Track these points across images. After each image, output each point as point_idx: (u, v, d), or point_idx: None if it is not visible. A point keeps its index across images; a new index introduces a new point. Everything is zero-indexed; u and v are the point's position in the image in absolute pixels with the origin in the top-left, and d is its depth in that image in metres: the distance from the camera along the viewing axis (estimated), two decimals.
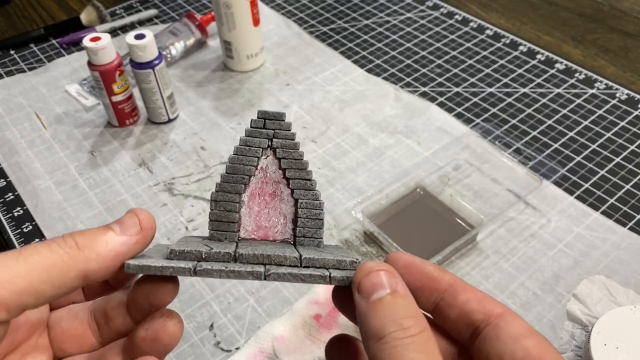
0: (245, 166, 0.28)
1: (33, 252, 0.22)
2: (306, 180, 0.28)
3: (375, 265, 0.24)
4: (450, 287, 0.26)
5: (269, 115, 0.28)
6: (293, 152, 0.28)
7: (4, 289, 0.21)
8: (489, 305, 0.25)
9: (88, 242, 0.24)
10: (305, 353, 0.46)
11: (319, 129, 0.68)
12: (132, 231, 0.25)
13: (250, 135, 0.28)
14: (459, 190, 0.59)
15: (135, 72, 0.64)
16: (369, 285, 0.24)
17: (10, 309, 0.21)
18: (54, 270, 0.22)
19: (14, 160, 0.66)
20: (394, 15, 0.87)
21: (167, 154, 0.65)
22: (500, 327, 0.24)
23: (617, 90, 0.71)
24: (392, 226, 0.55)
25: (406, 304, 0.23)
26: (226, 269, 0.24)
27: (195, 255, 0.25)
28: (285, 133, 0.28)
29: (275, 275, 0.25)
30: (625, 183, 0.59)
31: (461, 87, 0.73)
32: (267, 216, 0.29)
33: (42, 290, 0.22)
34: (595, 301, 0.47)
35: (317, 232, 0.29)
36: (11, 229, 0.58)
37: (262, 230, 0.29)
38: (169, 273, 0.24)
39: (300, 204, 0.28)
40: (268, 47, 0.81)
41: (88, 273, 0.23)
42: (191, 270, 0.24)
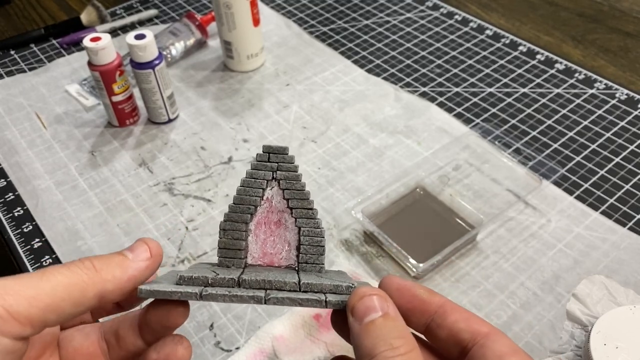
0: (251, 197, 0.30)
1: (55, 273, 0.24)
2: (308, 209, 0.30)
3: (368, 290, 0.26)
4: (439, 309, 0.27)
5: (273, 149, 0.30)
6: (295, 184, 0.30)
7: (29, 305, 0.23)
8: (475, 325, 0.26)
9: (104, 265, 0.26)
10: (305, 353, 0.46)
11: (319, 129, 0.68)
12: (143, 257, 0.27)
13: (255, 169, 0.30)
14: (459, 190, 0.59)
15: (136, 72, 0.64)
16: (362, 309, 0.25)
17: (35, 324, 0.23)
18: (74, 290, 0.24)
19: (14, 160, 0.66)
20: (394, 15, 0.87)
21: (167, 154, 0.65)
22: (486, 347, 0.25)
23: (617, 90, 0.71)
24: (392, 226, 0.55)
25: (396, 326, 0.25)
26: (229, 294, 0.26)
27: (202, 280, 0.27)
28: (288, 166, 0.30)
29: (275, 299, 0.27)
30: (625, 183, 0.59)
31: (461, 87, 0.73)
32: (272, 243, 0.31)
33: (63, 308, 0.24)
34: (595, 301, 0.47)
35: (319, 258, 0.31)
36: (11, 229, 0.58)
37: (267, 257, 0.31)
38: (177, 297, 0.26)
39: (303, 232, 0.30)
40: (268, 47, 0.81)
41: (105, 293, 0.25)
42: (197, 295, 0.26)
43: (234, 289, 0.27)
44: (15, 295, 0.23)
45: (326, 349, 0.46)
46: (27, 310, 0.23)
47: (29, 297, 0.23)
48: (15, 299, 0.22)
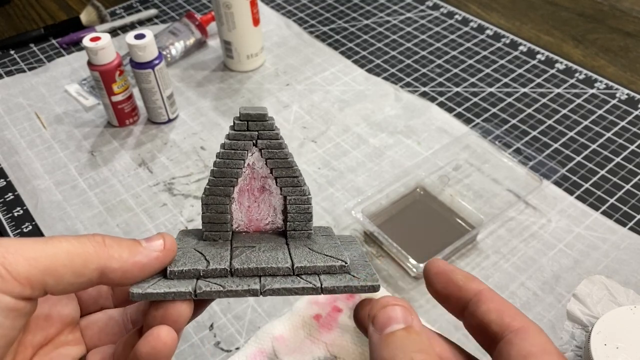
0: (232, 169, 0.29)
1: (62, 239, 0.24)
2: (293, 177, 0.29)
3: (392, 300, 0.25)
4: (475, 297, 0.26)
5: (251, 117, 0.28)
6: (278, 152, 0.29)
7: (29, 265, 0.23)
8: (507, 318, 0.25)
9: (115, 243, 0.25)
10: (305, 353, 0.46)
11: (319, 129, 0.68)
12: (155, 247, 0.26)
13: (234, 139, 0.28)
14: (459, 190, 0.59)
15: (135, 72, 0.64)
16: (384, 319, 0.24)
17: (34, 286, 0.23)
18: (77, 258, 0.24)
19: (13, 160, 0.66)
20: (394, 15, 0.87)
21: (167, 154, 0.65)
22: (512, 344, 0.24)
23: (617, 90, 0.71)
24: (392, 226, 0.55)
25: (419, 340, 0.24)
26: (224, 289, 0.26)
27: (194, 273, 0.26)
28: (269, 133, 0.28)
29: (271, 292, 0.26)
30: (625, 183, 0.59)
31: (461, 87, 0.73)
32: (257, 209, 0.30)
33: (63, 274, 0.24)
34: (595, 301, 0.47)
35: (307, 225, 0.30)
36: (11, 229, 0.58)
37: (253, 223, 0.31)
38: (171, 298, 0.25)
39: (289, 200, 0.30)
40: (268, 47, 0.81)
41: (106, 270, 0.25)
42: (192, 294, 0.25)
43: (227, 281, 0.26)
44: (15, 254, 0.23)
45: (326, 349, 0.46)
46: (26, 271, 0.23)
47: (29, 257, 0.23)
48: (15, 258, 0.23)
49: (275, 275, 0.27)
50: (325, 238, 0.31)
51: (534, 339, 0.24)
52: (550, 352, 0.23)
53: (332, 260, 0.28)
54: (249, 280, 0.27)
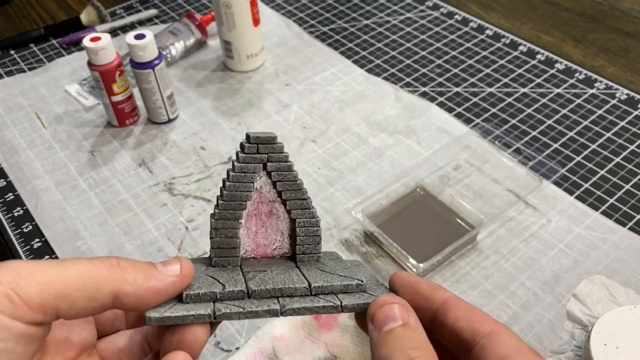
0: (242, 192, 0.28)
1: (75, 262, 0.24)
2: (302, 200, 0.29)
3: (389, 298, 0.26)
4: (442, 306, 0.26)
5: (261, 140, 0.28)
6: (288, 174, 0.29)
7: (42, 289, 0.22)
8: (476, 323, 0.25)
9: (130, 266, 0.25)
10: (305, 353, 0.46)
11: (319, 129, 0.68)
12: (172, 272, 0.26)
13: (244, 162, 0.28)
14: (459, 190, 0.59)
15: (135, 72, 0.64)
16: (382, 317, 0.25)
17: (46, 311, 0.23)
18: (90, 282, 0.23)
19: (14, 160, 0.66)
20: (394, 15, 0.87)
21: (167, 154, 0.65)
22: (486, 349, 0.24)
23: (617, 90, 0.71)
24: (392, 226, 0.55)
25: (416, 336, 0.24)
26: (244, 311, 0.25)
27: (210, 296, 0.26)
28: (279, 156, 0.28)
29: (291, 311, 0.26)
30: (625, 183, 0.59)
31: (461, 87, 0.73)
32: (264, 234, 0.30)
33: (75, 299, 0.23)
34: (595, 301, 0.47)
35: (316, 247, 0.30)
36: (11, 229, 0.58)
37: (261, 249, 0.30)
38: (190, 321, 0.25)
39: (299, 223, 0.29)
40: (268, 47, 0.81)
41: (120, 294, 0.24)
42: (211, 316, 0.25)
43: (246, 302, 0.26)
44: (28, 278, 0.22)
45: (326, 349, 0.46)
46: (38, 296, 0.22)
47: (41, 282, 0.22)
48: (27, 283, 0.22)
49: (293, 295, 0.27)
50: (334, 261, 0.31)
51: (506, 341, 0.24)
52: (524, 350, 0.24)
53: (348, 279, 0.28)
54: (267, 301, 0.26)
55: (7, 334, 0.22)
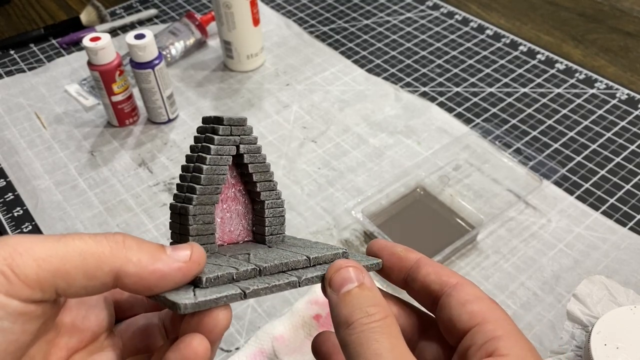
0: (219, 175, 0.28)
1: (76, 238, 0.23)
2: (270, 181, 0.30)
3: (344, 262, 0.27)
4: (415, 264, 0.29)
5: (234, 121, 0.28)
6: (258, 156, 0.29)
7: (38, 266, 0.21)
8: (445, 277, 0.28)
9: (135, 245, 0.24)
10: (305, 353, 0.46)
11: (319, 129, 0.68)
12: (181, 257, 0.24)
13: (220, 144, 0.28)
14: (459, 190, 0.59)
15: (135, 72, 0.64)
16: (339, 280, 0.26)
17: (45, 289, 0.22)
18: (90, 259, 0.22)
19: (13, 160, 0.66)
20: (394, 15, 0.87)
21: (167, 154, 0.65)
22: (451, 296, 0.27)
23: (617, 90, 0.71)
24: (392, 226, 0.55)
25: (372, 295, 0.26)
26: (269, 286, 0.25)
27: (227, 278, 0.25)
28: (250, 138, 0.29)
29: (307, 281, 0.27)
30: (625, 183, 0.59)
31: (461, 87, 0.73)
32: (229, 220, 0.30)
33: (74, 276, 0.22)
34: (595, 301, 0.46)
35: (281, 227, 0.31)
36: (11, 229, 0.58)
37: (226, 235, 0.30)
38: (223, 303, 0.24)
39: (267, 205, 0.30)
40: (268, 47, 0.81)
41: (122, 274, 0.23)
42: (242, 295, 0.24)
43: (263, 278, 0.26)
44: (24, 255, 0.21)
45: None
46: (35, 273, 0.21)
47: (38, 258, 0.21)
48: (24, 259, 0.21)
49: (297, 268, 0.27)
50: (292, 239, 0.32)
51: (469, 289, 0.27)
52: (483, 298, 0.27)
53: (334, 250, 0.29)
54: (281, 276, 0.26)
55: (3, 312, 0.21)
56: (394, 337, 0.24)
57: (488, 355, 0.24)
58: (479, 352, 0.25)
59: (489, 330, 0.25)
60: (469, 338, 0.25)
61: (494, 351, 0.24)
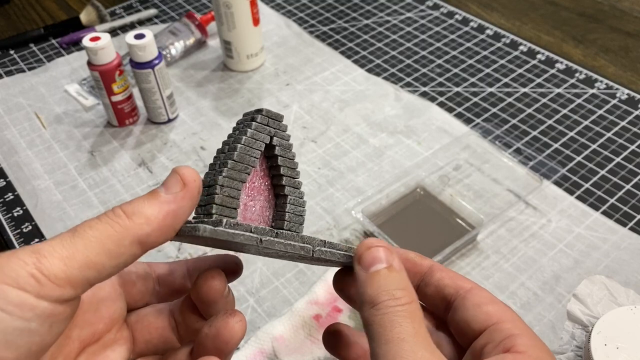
0: (251, 157, 0.29)
1: (86, 228, 0.23)
2: (296, 179, 0.31)
3: (375, 241, 0.27)
4: (429, 269, 0.30)
5: (272, 115, 0.30)
6: (288, 152, 0.30)
7: (65, 265, 0.22)
8: (459, 281, 0.29)
9: (136, 209, 0.24)
10: (305, 353, 0.46)
11: (319, 129, 0.68)
12: (176, 188, 0.25)
13: (257, 130, 0.29)
14: (459, 190, 0.59)
15: (135, 72, 0.64)
16: (369, 259, 0.26)
17: (75, 284, 0.22)
18: (108, 241, 0.23)
19: (13, 160, 0.65)
20: (394, 15, 0.87)
21: (167, 154, 0.65)
22: (466, 298, 0.28)
23: (618, 90, 0.71)
24: (392, 226, 0.55)
25: (399, 277, 0.26)
26: (284, 242, 0.26)
27: (247, 228, 0.26)
28: (283, 134, 0.30)
29: (320, 252, 0.27)
30: (625, 183, 0.59)
31: (461, 87, 0.73)
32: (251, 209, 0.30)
33: (102, 263, 0.23)
34: (595, 301, 0.46)
35: (299, 227, 0.31)
36: (11, 229, 0.58)
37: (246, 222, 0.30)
38: (240, 240, 0.25)
39: (289, 200, 0.30)
40: (268, 47, 0.81)
41: (142, 238, 0.24)
42: (259, 239, 0.25)
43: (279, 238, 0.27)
44: (50, 257, 0.22)
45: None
46: (63, 272, 0.22)
47: (63, 257, 0.22)
48: (50, 261, 0.22)
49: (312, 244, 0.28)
50: None
51: (484, 293, 0.28)
52: (497, 301, 0.27)
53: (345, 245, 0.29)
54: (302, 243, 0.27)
55: (32, 314, 0.21)
56: (417, 322, 0.25)
57: (505, 350, 0.25)
58: (497, 348, 0.25)
59: (507, 328, 0.26)
60: (486, 336, 0.26)
61: (512, 347, 0.25)
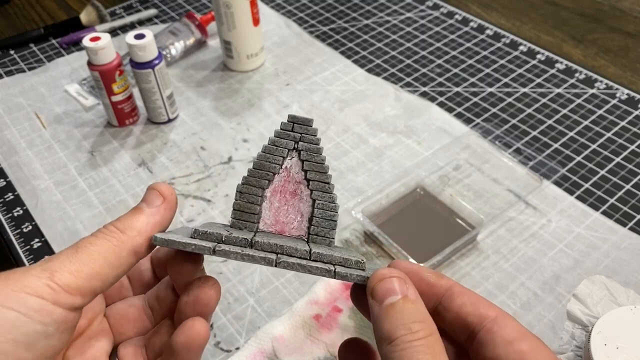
0: (271, 164, 0.30)
1: (87, 244, 0.26)
2: (325, 183, 0.31)
3: (388, 272, 0.26)
4: (447, 292, 0.27)
5: (297, 119, 0.30)
6: (316, 156, 0.30)
7: (75, 277, 0.25)
8: (482, 309, 0.26)
9: (127, 224, 0.27)
10: (305, 353, 0.46)
11: (319, 129, 0.68)
12: (157, 202, 0.29)
13: (278, 136, 0.30)
14: (459, 190, 0.59)
15: (135, 72, 0.64)
16: (382, 291, 0.25)
17: (84, 293, 0.25)
18: (109, 255, 0.26)
19: (13, 160, 0.65)
20: (394, 15, 0.87)
21: (167, 154, 0.65)
22: (493, 332, 0.25)
23: (617, 90, 0.71)
24: (392, 226, 0.55)
25: (416, 309, 0.25)
26: (242, 252, 0.26)
27: (216, 237, 0.27)
28: (311, 138, 0.30)
29: (285, 264, 0.27)
30: (625, 183, 0.59)
31: (461, 87, 0.73)
32: (285, 212, 0.31)
33: (105, 274, 0.26)
34: (595, 301, 0.46)
35: (330, 232, 0.31)
36: (11, 229, 0.58)
37: (279, 225, 0.31)
38: (190, 249, 0.26)
39: (317, 205, 0.31)
40: (268, 47, 0.81)
41: (137, 248, 0.27)
42: (211, 249, 0.26)
43: (247, 249, 0.27)
44: (60, 271, 0.25)
45: (326, 349, 0.46)
46: (74, 282, 0.24)
47: (72, 270, 0.25)
48: (61, 274, 0.24)
49: (292, 255, 0.28)
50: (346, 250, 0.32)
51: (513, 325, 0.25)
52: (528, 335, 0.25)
53: (349, 254, 0.29)
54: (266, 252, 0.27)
55: (50, 319, 0.24)
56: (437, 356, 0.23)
57: None
58: None
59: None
60: None
61: None
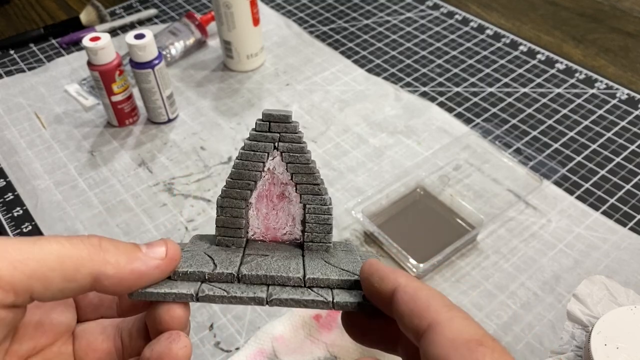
0: (251, 172, 0.27)
1: (52, 241, 0.22)
2: (314, 185, 0.27)
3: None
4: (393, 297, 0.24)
5: (273, 117, 0.26)
6: (300, 157, 0.27)
7: (14, 268, 0.21)
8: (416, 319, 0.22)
9: (112, 247, 0.23)
10: (305, 353, 0.46)
11: (319, 129, 0.68)
12: (157, 255, 0.24)
13: (254, 140, 0.27)
14: (459, 190, 0.59)
15: (135, 72, 0.64)
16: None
17: (19, 292, 0.21)
18: (68, 261, 0.22)
19: (13, 160, 0.65)
20: (394, 15, 0.87)
21: (167, 154, 0.65)
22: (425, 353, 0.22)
23: (618, 90, 0.71)
24: (392, 226, 0.55)
25: None
26: (228, 295, 0.24)
27: (199, 276, 0.25)
28: (292, 136, 0.27)
29: (277, 301, 0.24)
30: (625, 183, 0.59)
31: (461, 87, 0.73)
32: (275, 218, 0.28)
33: (52, 279, 0.21)
34: (595, 301, 0.46)
35: (326, 237, 0.28)
36: (11, 229, 0.58)
37: (270, 232, 0.29)
38: (171, 299, 0.24)
39: (309, 209, 0.28)
40: (268, 47, 0.81)
41: (100, 276, 0.23)
42: (193, 297, 0.24)
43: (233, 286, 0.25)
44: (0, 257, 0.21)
45: (326, 349, 0.46)
46: (10, 275, 0.21)
47: (14, 260, 0.21)
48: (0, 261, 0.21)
49: (285, 285, 0.25)
50: (345, 253, 0.29)
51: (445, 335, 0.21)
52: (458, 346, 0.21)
53: (347, 274, 0.26)
54: (255, 288, 0.25)
55: None
56: None
57: None
58: None
59: None
60: None
61: None
